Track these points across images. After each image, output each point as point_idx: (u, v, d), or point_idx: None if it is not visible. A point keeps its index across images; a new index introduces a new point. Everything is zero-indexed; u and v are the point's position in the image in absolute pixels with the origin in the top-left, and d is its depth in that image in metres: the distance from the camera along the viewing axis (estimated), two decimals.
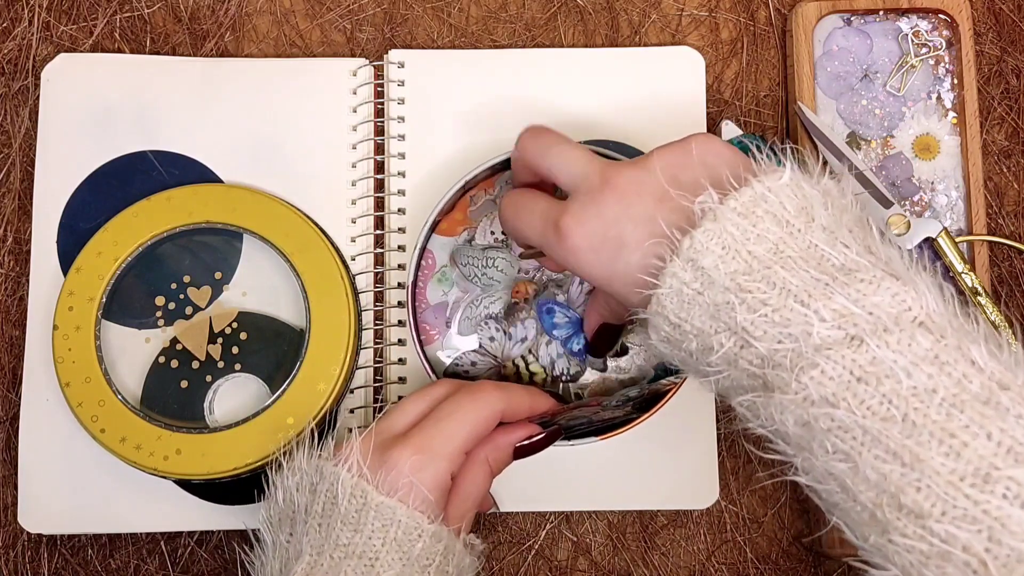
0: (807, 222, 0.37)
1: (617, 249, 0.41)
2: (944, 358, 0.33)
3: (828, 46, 0.61)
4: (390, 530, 0.43)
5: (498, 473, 0.49)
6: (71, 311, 0.55)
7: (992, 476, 0.31)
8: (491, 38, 0.62)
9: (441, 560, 0.43)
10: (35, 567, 0.57)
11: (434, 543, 0.43)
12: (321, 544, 0.43)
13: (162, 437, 0.54)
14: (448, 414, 0.46)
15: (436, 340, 0.56)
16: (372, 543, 0.42)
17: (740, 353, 0.37)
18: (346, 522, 0.43)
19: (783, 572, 0.58)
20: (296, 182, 0.59)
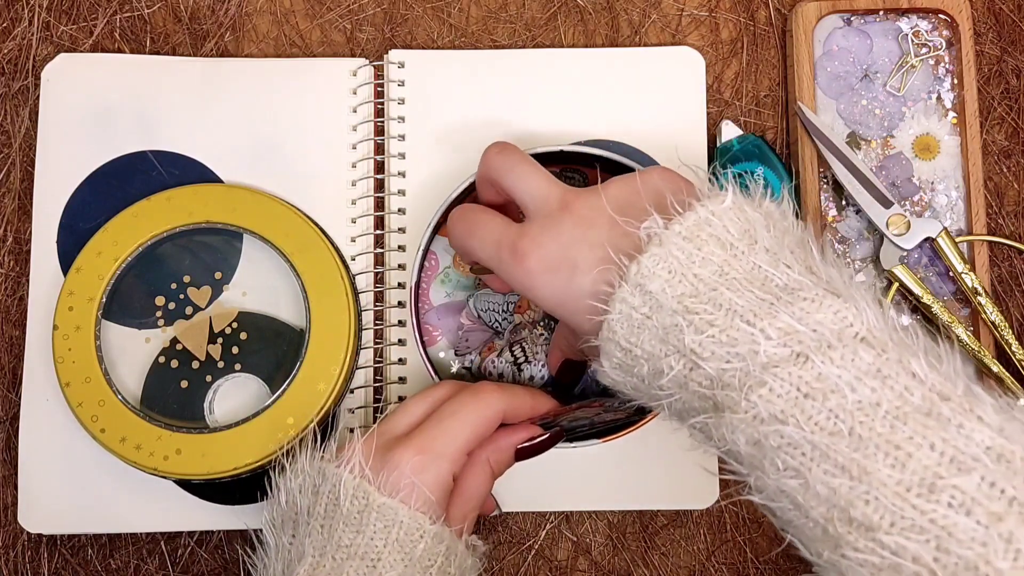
0: (750, 244, 0.38)
1: (570, 272, 0.41)
2: (886, 371, 0.34)
3: (828, 46, 0.61)
4: (392, 531, 0.43)
5: (500, 475, 0.49)
6: (71, 311, 0.55)
7: (937, 486, 0.31)
8: (491, 38, 0.62)
9: (443, 561, 0.43)
10: (35, 567, 0.57)
11: (436, 544, 0.43)
12: (323, 545, 0.43)
13: (162, 437, 0.54)
14: (450, 415, 0.47)
15: (439, 341, 0.56)
16: (374, 544, 0.42)
17: (690, 375, 0.38)
18: (348, 523, 0.43)
19: (783, 572, 0.58)
20: (296, 182, 0.59)
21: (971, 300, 0.57)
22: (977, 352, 0.56)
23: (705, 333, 0.37)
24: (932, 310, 0.57)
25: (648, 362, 0.39)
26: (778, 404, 0.34)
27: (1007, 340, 0.57)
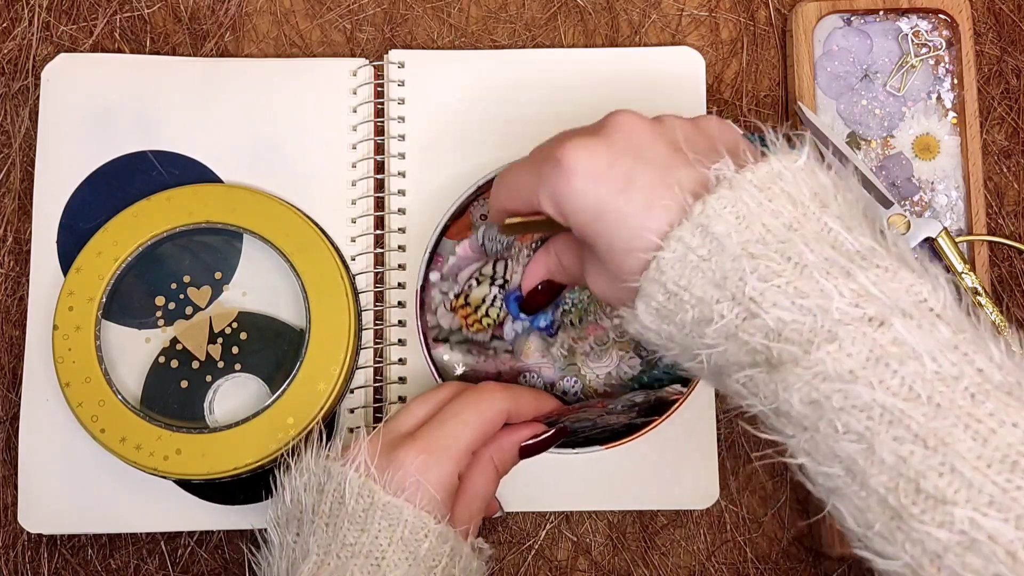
0: (821, 206, 0.37)
1: (622, 186, 0.38)
2: (964, 349, 0.33)
3: (828, 46, 0.61)
4: (396, 529, 0.43)
5: (504, 474, 0.49)
6: (71, 311, 0.55)
7: (1020, 464, 0.30)
8: (491, 38, 0.62)
9: (447, 562, 0.43)
10: (35, 567, 0.57)
11: (440, 543, 0.43)
12: (328, 544, 0.43)
13: (162, 437, 0.54)
14: (454, 415, 0.47)
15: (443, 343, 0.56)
16: (378, 542, 0.42)
17: (742, 325, 0.36)
18: (353, 521, 0.43)
19: (783, 572, 0.58)
20: (296, 182, 0.59)
21: (971, 300, 0.57)
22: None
23: (770, 282, 0.35)
24: None
25: (695, 308, 0.37)
26: (847, 363, 0.33)
27: (1007, 340, 0.57)
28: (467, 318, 0.53)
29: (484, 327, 0.54)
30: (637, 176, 0.38)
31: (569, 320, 0.55)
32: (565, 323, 0.55)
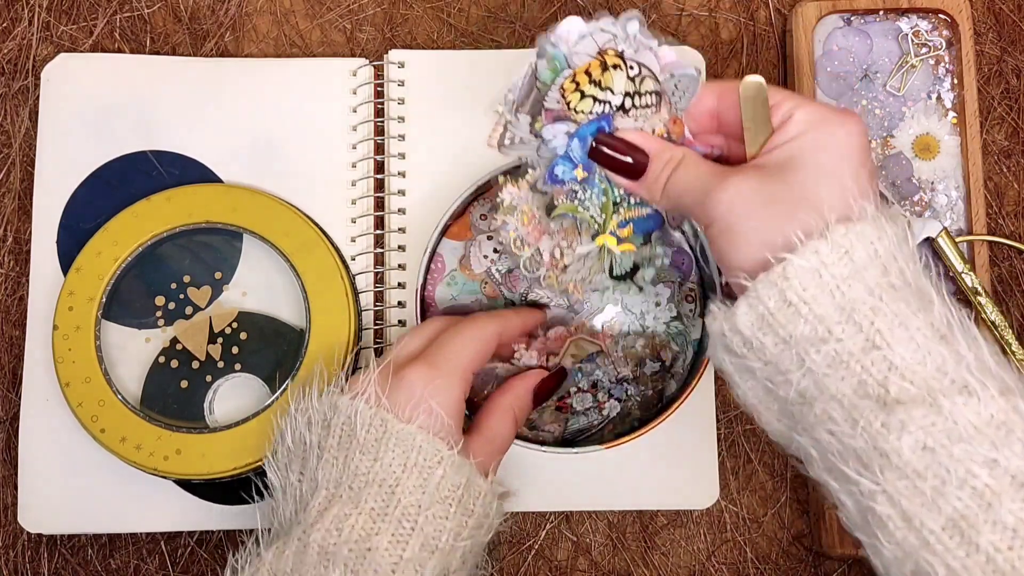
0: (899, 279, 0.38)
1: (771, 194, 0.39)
2: None
3: (828, 46, 0.61)
4: (410, 456, 0.42)
5: (522, 421, 0.50)
6: (71, 311, 0.55)
7: None
8: (491, 38, 0.62)
9: (464, 495, 0.43)
10: (35, 567, 0.57)
11: (454, 473, 0.43)
12: (339, 477, 0.43)
13: (162, 437, 0.54)
14: (451, 337, 0.48)
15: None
16: (392, 470, 0.42)
17: (859, 355, 0.36)
18: (365, 451, 0.43)
19: (783, 572, 0.58)
20: (296, 182, 0.59)
21: (971, 300, 0.57)
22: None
23: (906, 322, 0.36)
24: None
25: (809, 324, 0.37)
26: (975, 419, 0.34)
27: (1007, 340, 0.57)
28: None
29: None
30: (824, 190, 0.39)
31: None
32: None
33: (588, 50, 0.44)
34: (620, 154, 0.43)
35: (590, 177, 0.45)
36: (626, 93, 0.44)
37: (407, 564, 0.41)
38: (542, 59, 0.44)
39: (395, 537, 0.41)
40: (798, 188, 0.39)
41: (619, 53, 0.44)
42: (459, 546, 0.43)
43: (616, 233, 0.46)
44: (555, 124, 0.44)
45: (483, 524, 0.44)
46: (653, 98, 0.44)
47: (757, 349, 0.39)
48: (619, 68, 0.43)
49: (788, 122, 0.41)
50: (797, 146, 0.40)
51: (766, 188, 0.39)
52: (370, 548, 0.41)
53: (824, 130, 0.40)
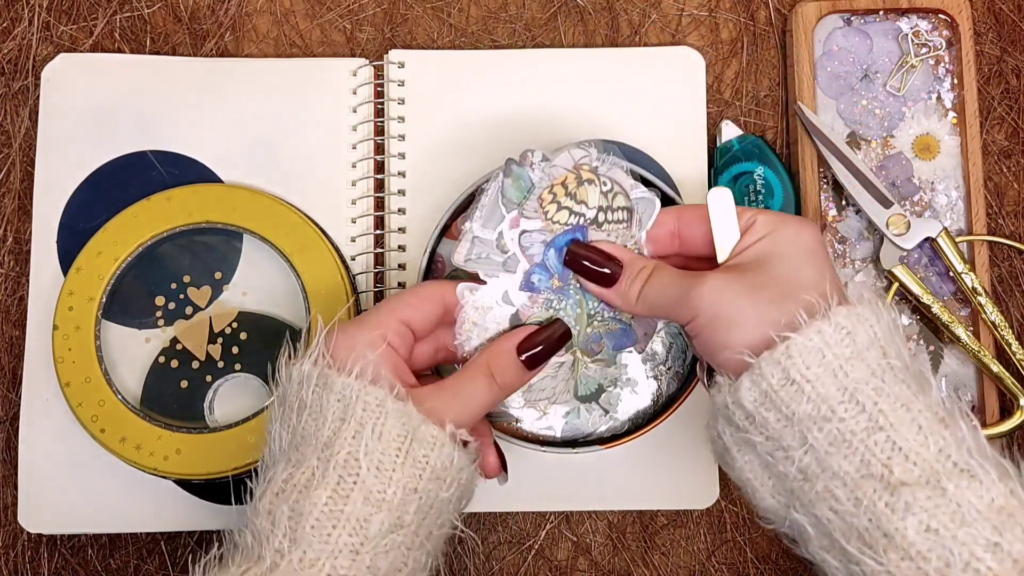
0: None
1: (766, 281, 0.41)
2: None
3: (828, 46, 0.61)
4: (349, 407, 0.41)
5: (508, 384, 0.46)
6: (71, 311, 0.55)
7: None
8: (491, 38, 0.62)
9: (412, 444, 0.41)
10: (35, 567, 0.57)
11: (395, 421, 0.41)
12: (289, 443, 0.42)
13: (162, 437, 0.54)
14: (390, 297, 0.47)
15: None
16: (333, 424, 0.41)
17: (863, 436, 0.37)
18: (311, 412, 0.42)
19: (783, 572, 0.58)
20: (296, 182, 0.59)
21: (971, 300, 0.57)
22: (977, 352, 0.56)
23: (907, 405, 0.37)
24: (932, 310, 0.57)
25: (812, 403, 0.38)
26: (978, 503, 0.35)
27: (1007, 340, 0.57)
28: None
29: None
30: (806, 276, 0.41)
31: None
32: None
33: (565, 164, 0.47)
34: (594, 264, 0.46)
35: (565, 287, 0.48)
36: (599, 207, 0.47)
37: (347, 519, 0.39)
38: (508, 178, 0.48)
39: (335, 492, 0.40)
40: (782, 276, 0.41)
41: (592, 169, 0.47)
42: (411, 499, 0.40)
43: (592, 347, 0.49)
44: (532, 233, 0.47)
45: (442, 477, 0.41)
46: (624, 214, 0.47)
47: (759, 424, 0.40)
48: (593, 183, 0.47)
49: (753, 226, 0.43)
50: (768, 244, 0.43)
51: (749, 279, 0.41)
52: (309, 503, 0.39)
53: (789, 229, 0.43)
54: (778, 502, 0.41)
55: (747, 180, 0.58)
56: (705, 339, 0.42)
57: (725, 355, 0.41)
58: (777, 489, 0.41)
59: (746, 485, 0.42)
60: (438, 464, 0.41)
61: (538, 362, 0.46)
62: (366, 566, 0.39)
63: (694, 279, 0.43)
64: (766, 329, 0.39)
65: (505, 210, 0.48)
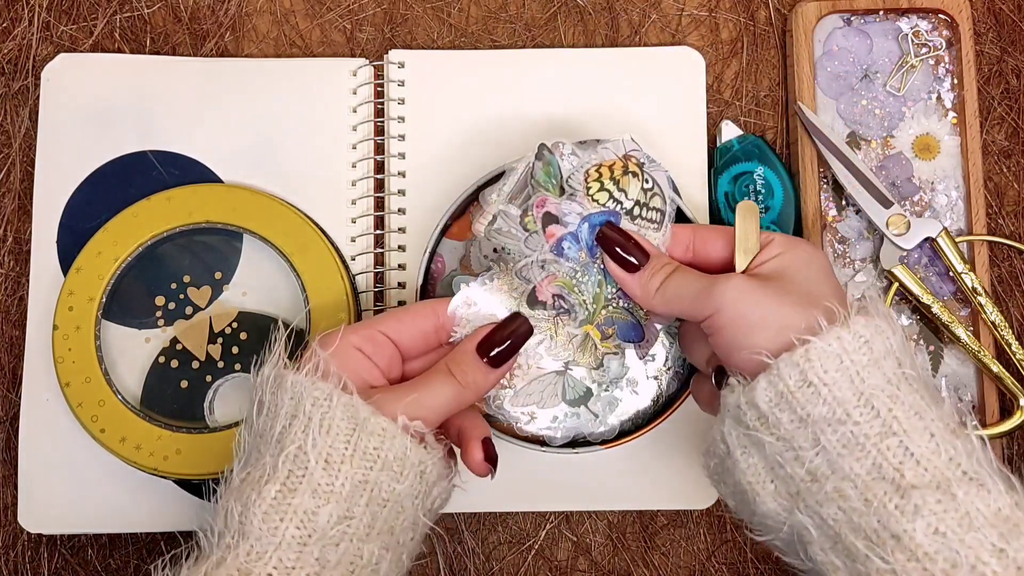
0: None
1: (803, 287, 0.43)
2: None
3: (828, 46, 0.61)
4: (300, 403, 0.41)
5: (472, 382, 0.45)
6: (71, 311, 0.55)
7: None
8: (491, 38, 0.62)
9: (359, 436, 0.41)
10: (35, 567, 0.57)
11: (342, 415, 0.41)
12: (250, 444, 0.43)
13: (162, 437, 0.54)
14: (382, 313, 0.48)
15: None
16: (284, 421, 0.41)
17: (876, 440, 0.38)
18: (269, 411, 0.42)
19: (783, 572, 0.58)
20: (296, 182, 0.59)
21: (971, 300, 0.57)
22: (977, 352, 0.56)
23: (920, 414, 0.39)
24: (932, 310, 0.57)
25: (828, 406, 0.39)
26: (986, 511, 0.37)
27: (1007, 340, 0.57)
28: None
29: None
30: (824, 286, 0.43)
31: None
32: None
33: (616, 150, 0.49)
34: (622, 247, 0.47)
35: (590, 264, 0.48)
36: (636, 201, 0.48)
37: (294, 511, 0.39)
38: (539, 162, 0.49)
39: (284, 486, 0.40)
40: (803, 287, 0.43)
41: (640, 164, 0.48)
42: (361, 491, 0.41)
43: (602, 328, 0.49)
44: (571, 202, 0.48)
45: (396, 469, 0.41)
46: (657, 215, 0.48)
47: (772, 424, 0.41)
48: (637, 177, 0.48)
49: (771, 243, 0.46)
50: (787, 259, 0.45)
51: (773, 285, 0.43)
52: (259, 498, 0.40)
53: (804, 250, 0.45)
54: (780, 505, 0.41)
55: (747, 180, 0.58)
56: (724, 337, 0.43)
57: (742, 355, 0.42)
58: (780, 492, 0.41)
59: (745, 491, 0.42)
60: (390, 456, 0.41)
61: (501, 360, 0.46)
62: (314, 558, 0.39)
63: (717, 278, 0.44)
64: (787, 332, 0.40)
65: (532, 190, 0.49)
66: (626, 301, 0.49)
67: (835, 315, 0.40)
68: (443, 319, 0.47)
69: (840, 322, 0.40)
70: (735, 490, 0.44)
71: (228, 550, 0.39)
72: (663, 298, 0.46)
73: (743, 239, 0.46)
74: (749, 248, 0.46)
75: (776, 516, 0.41)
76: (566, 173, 0.49)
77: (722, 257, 0.47)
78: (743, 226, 0.46)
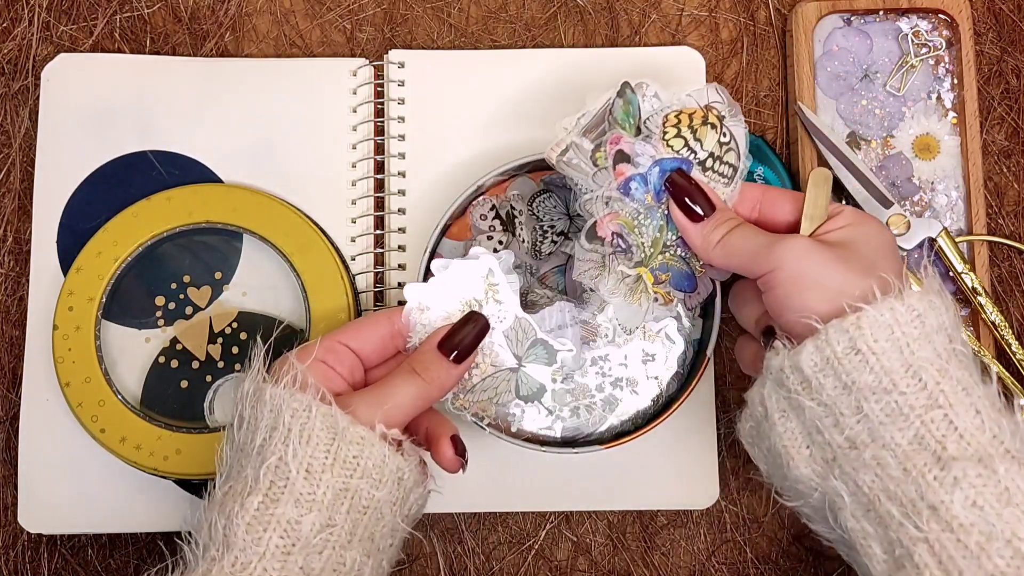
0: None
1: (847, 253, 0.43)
2: None
3: (828, 46, 0.61)
4: (280, 415, 0.42)
5: (436, 379, 0.46)
6: (71, 311, 0.55)
7: None
8: (491, 38, 0.62)
9: (339, 446, 0.42)
10: (35, 567, 0.57)
11: (321, 424, 0.42)
12: (231, 458, 0.44)
13: (162, 437, 0.54)
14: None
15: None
16: (263, 433, 0.42)
17: (921, 412, 0.38)
18: (249, 425, 0.43)
19: (783, 572, 0.58)
20: (296, 182, 0.59)
21: (971, 300, 0.57)
22: (977, 352, 0.56)
23: (968, 390, 0.39)
24: None
25: (874, 374, 0.39)
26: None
27: (1007, 340, 0.57)
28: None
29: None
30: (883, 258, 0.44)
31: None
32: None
33: (699, 98, 0.48)
34: (689, 196, 0.47)
35: (654, 208, 0.48)
36: (710, 153, 0.48)
37: (277, 521, 0.40)
38: (620, 99, 0.48)
39: (267, 496, 0.41)
40: (867, 258, 0.43)
41: (720, 116, 0.48)
42: (342, 499, 0.41)
43: (656, 273, 0.49)
44: (645, 144, 0.48)
45: (375, 476, 0.42)
46: (729, 170, 0.48)
47: (815, 389, 0.41)
48: (715, 128, 0.48)
49: (840, 214, 0.46)
50: (854, 231, 0.45)
51: (833, 251, 0.43)
52: (242, 510, 0.40)
53: (873, 225, 0.45)
54: (813, 471, 0.42)
55: (747, 180, 0.58)
56: (779, 294, 0.43)
57: (792, 317, 0.42)
58: (814, 457, 0.42)
59: (780, 454, 0.43)
60: (369, 464, 0.42)
61: (462, 356, 0.47)
62: (299, 567, 0.40)
63: (781, 236, 0.44)
64: (841, 298, 0.41)
65: (608, 126, 0.49)
66: (684, 250, 0.49)
67: (890, 286, 0.41)
68: (399, 326, 0.48)
69: (894, 294, 0.40)
70: (769, 454, 0.44)
71: (213, 562, 0.40)
72: (723, 251, 0.46)
73: (812, 205, 0.46)
74: (817, 215, 0.46)
75: (808, 481, 0.42)
76: (645, 115, 0.48)
77: (788, 220, 0.48)
78: (814, 192, 0.47)
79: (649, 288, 0.49)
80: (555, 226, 0.56)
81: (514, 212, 0.55)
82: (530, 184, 0.55)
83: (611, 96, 0.49)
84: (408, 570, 0.58)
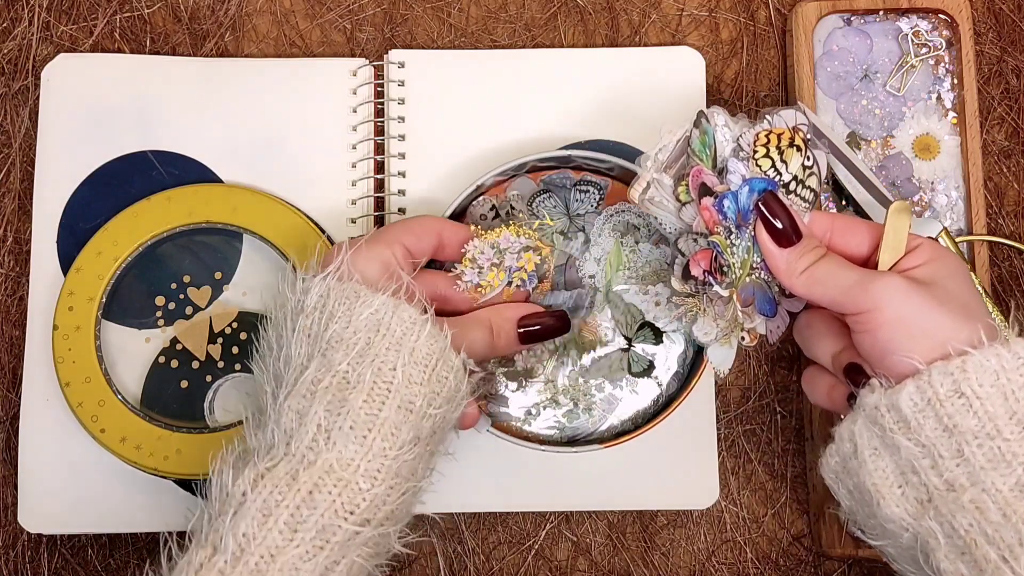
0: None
1: (955, 297, 0.42)
2: None
3: (828, 46, 0.61)
4: (383, 319, 0.43)
5: (502, 346, 0.49)
6: (71, 311, 0.55)
7: None
8: (491, 38, 0.62)
9: (439, 363, 0.43)
10: (35, 567, 0.57)
11: (429, 340, 0.43)
12: (311, 348, 0.44)
13: (162, 437, 0.54)
14: (392, 224, 0.50)
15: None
16: (365, 333, 0.43)
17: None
18: (337, 319, 0.44)
19: (783, 572, 0.58)
20: (296, 182, 0.59)
21: None
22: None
23: None
24: None
25: (978, 419, 0.39)
26: None
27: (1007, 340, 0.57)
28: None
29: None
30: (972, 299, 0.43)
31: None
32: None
33: (788, 119, 0.48)
34: (780, 219, 0.46)
35: (743, 229, 0.47)
36: (794, 176, 0.47)
37: (383, 423, 0.41)
38: (696, 130, 0.48)
39: (371, 396, 0.42)
40: (958, 298, 0.42)
41: (806, 139, 0.47)
42: (431, 414, 0.43)
43: (744, 295, 0.48)
44: (738, 162, 0.47)
45: (453, 399, 0.45)
46: (810, 195, 0.47)
47: (914, 429, 0.40)
48: (800, 151, 0.47)
49: (919, 248, 0.45)
50: (937, 267, 0.44)
51: (930, 292, 0.42)
52: (346, 405, 0.41)
53: (952, 259, 0.45)
54: (905, 511, 0.41)
55: None
56: (882, 337, 0.42)
57: (895, 359, 0.41)
58: (907, 497, 0.41)
59: (869, 492, 0.42)
60: (454, 385, 0.44)
61: (533, 339, 0.49)
62: (395, 471, 0.42)
63: (873, 273, 0.43)
64: (948, 344, 0.40)
65: (687, 160, 0.48)
66: (766, 274, 0.48)
67: (996, 332, 0.41)
68: (445, 237, 0.50)
69: (1001, 340, 0.40)
70: (856, 491, 0.44)
71: (314, 452, 0.41)
72: (808, 280, 0.45)
73: (892, 237, 0.45)
74: (896, 248, 0.45)
75: (900, 521, 0.41)
76: (730, 139, 0.48)
77: (860, 252, 0.46)
78: (894, 225, 0.45)
79: (739, 310, 0.48)
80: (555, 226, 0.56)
81: (514, 212, 0.55)
82: (530, 184, 0.55)
83: (688, 128, 0.48)
84: (408, 570, 0.58)
